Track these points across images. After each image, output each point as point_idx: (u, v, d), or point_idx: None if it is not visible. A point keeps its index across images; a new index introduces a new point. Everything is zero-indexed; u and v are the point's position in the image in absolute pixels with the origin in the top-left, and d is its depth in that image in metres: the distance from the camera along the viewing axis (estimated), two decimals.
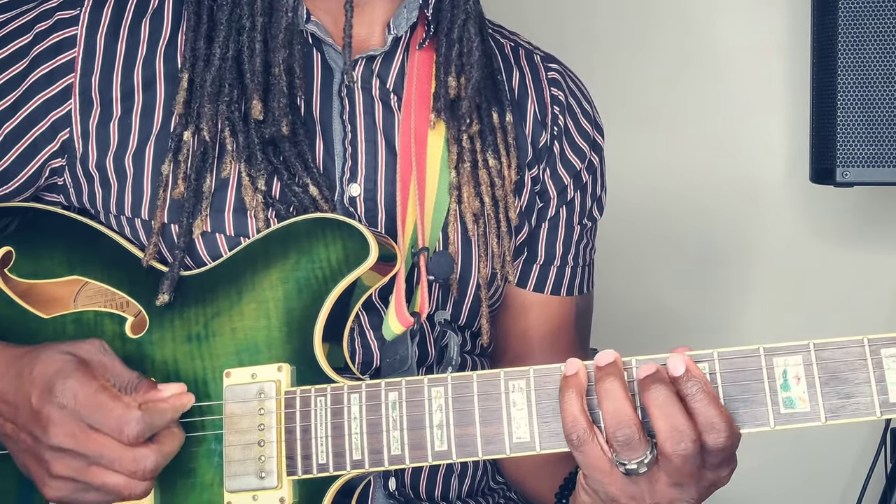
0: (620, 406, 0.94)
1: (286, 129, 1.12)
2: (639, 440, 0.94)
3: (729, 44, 2.02)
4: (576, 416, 0.95)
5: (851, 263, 2.01)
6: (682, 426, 0.93)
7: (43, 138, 1.16)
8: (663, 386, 0.93)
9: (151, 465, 1.01)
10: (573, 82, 1.33)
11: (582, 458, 0.96)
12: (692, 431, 0.93)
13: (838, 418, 0.93)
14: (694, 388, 0.93)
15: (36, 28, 1.16)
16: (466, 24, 1.18)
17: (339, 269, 1.08)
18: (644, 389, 0.94)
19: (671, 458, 0.94)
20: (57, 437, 1.00)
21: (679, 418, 0.93)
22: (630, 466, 0.95)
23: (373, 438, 1.02)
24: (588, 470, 0.97)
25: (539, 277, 1.29)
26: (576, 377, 0.96)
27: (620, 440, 0.94)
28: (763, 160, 2.03)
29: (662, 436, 0.93)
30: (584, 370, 0.97)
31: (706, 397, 0.93)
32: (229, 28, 1.13)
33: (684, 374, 0.94)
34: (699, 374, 0.94)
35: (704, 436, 0.93)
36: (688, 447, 0.93)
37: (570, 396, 0.96)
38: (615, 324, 1.84)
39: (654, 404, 0.93)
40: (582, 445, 0.95)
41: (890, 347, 0.92)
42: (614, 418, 0.94)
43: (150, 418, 1.02)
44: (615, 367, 0.96)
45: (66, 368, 1.02)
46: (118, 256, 1.15)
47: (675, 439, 0.93)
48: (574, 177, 1.29)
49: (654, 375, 0.94)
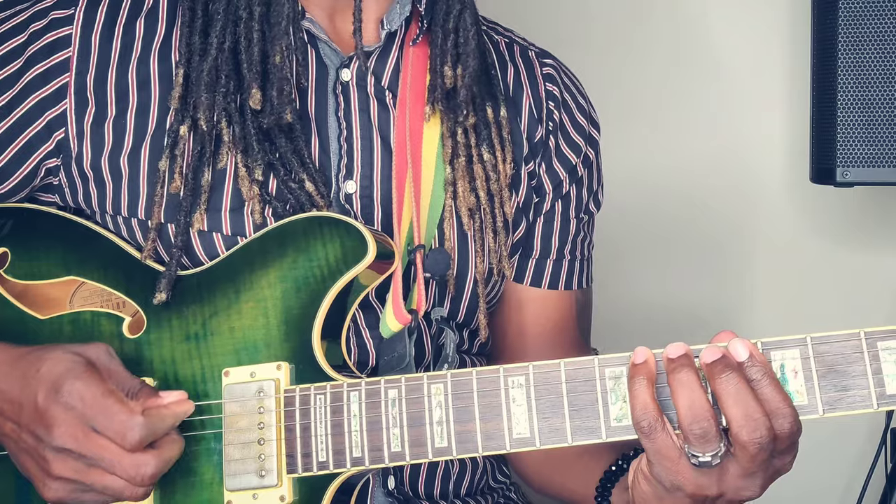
0: (697, 398, 0.92)
1: (290, 116, 1.12)
2: (715, 433, 0.92)
3: (730, 43, 2.02)
4: (647, 404, 0.94)
5: (851, 263, 2.01)
6: (756, 414, 0.91)
7: (38, 138, 1.16)
8: (734, 373, 0.92)
9: (151, 471, 1.01)
10: (568, 77, 1.33)
11: (651, 445, 0.95)
12: (766, 419, 0.91)
13: (836, 411, 0.93)
14: (760, 374, 0.92)
15: (31, 28, 1.16)
16: (462, 14, 1.19)
17: (337, 268, 1.08)
18: (714, 376, 0.92)
19: (747, 447, 0.92)
20: (60, 438, 1.00)
21: (753, 406, 0.91)
22: (704, 459, 0.93)
23: (373, 436, 1.03)
24: (656, 458, 0.96)
25: (536, 272, 1.30)
26: (645, 365, 0.95)
27: (697, 433, 0.92)
28: (763, 160, 2.03)
29: (737, 424, 0.92)
30: (653, 358, 0.95)
31: (772, 382, 0.92)
32: (226, 19, 1.13)
33: (749, 358, 0.93)
34: (763, 359, 0.93)
35: (773, 421, 0.92)
36: (763, 435, 0.91)
37: (639, 384, 0.94)
38: (613, 321, 1.84)
39: (727, 391, 0.91)
40: (653, 433, 0.94)
41: (886, 340, 0.93)
42: (690, 411, 0.92)
43: (152, 425, 1.02)
44: (688, 359, 0.94)
45: (75, 369, 1.02)
46: (115, 256, 1.15)
47: (750, 427, 0.91)
48: (570, 171, 1.30)
49: (723, 361, 0.92)
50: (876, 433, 1.89)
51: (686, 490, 0.96)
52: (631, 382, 0.95)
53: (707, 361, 0.93)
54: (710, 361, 0.93)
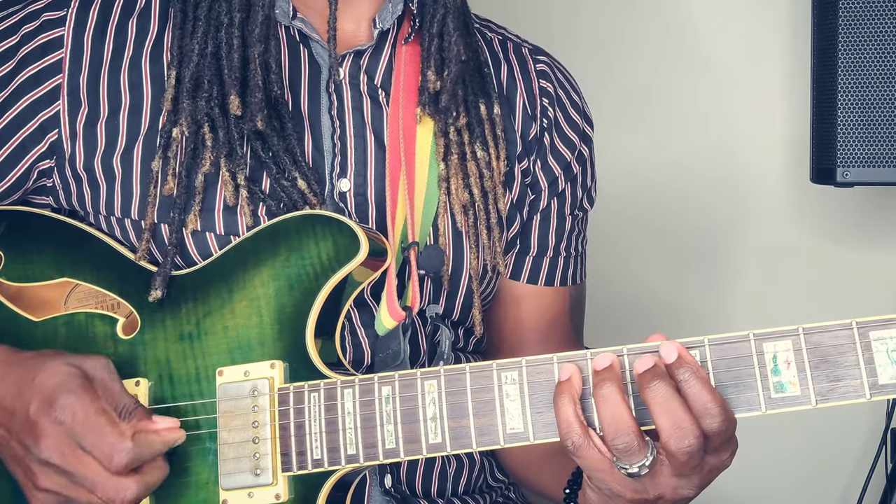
0: (618, 413, 0.93)
1: (261, 123, 1.12)
2: (638, 446, 0.93)
3: (729, 43, 2.02)
4: (570, 422, 0.95)
5: (851, 263, 2.00)
6: (685, 423, 0.92)
7: (31, 139, 1.16)
8: (663, 381, 0.92)
9: (131, 497, 1.00)
10: (562, 74, 1.34)
11: (581, 462, 0.96)
12: (695, 427, 0.92)
13: (828, 401, 0.93)
14: (686, 374, 0.93)
15: (23, 29, 1.16)
16: (446, 19, 1.19)
17: (330, 266, 1.08)
18: (644, 385, 0.93)
19: (676, 456, 0.93)
20: (47, 452, 1.00)
21: (681, 414, 0.92)
22: (632, 471, 0.94)
23: (367, 433, 1.03)
24: (589, 472, 0.97)
25: (532, 269, 1.30)
26: (569, 383, 0.96)
27: (620, 448, 0.93)
28: (763, 160, 2.02)
29: (666, 434, 0.92)
30: (579, 375, 0.96)
31: (699, 382, 0.93)
32: (208, 24, 1.13)
33: (676, 360, 0.94)
34: (691, 360, 0.94)
35: (701, 422, 0.93)
36: (691, 444, 0.92)
37: (563, 402, 0.95)
38: (609, 317, 1.84)
39: (655, 401, 0.92)
40: (578, 451, 0.95)
41: (878, 330, 0.93)
42: (612, 425, 0.93)
43: (139, 450, 1.01)
44: (612, 372, 0.95)
45: (70, 383, 1.01)
46: (108, 258, 1.15)
47: (678, 437, 0.92)
48: (564, 168, 1.30)
49: (653, 370, 0.93)
50: (876, 433, 1.89)
51: (625, 496, 0.97)
52: (555, 401, 0.96)
53: (638, 371, 0.94)
54: (641, 371, 0.94)
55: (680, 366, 0.93)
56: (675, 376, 0.93)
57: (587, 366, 0.97)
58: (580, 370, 0.97)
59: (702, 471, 0.96)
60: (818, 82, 1.67)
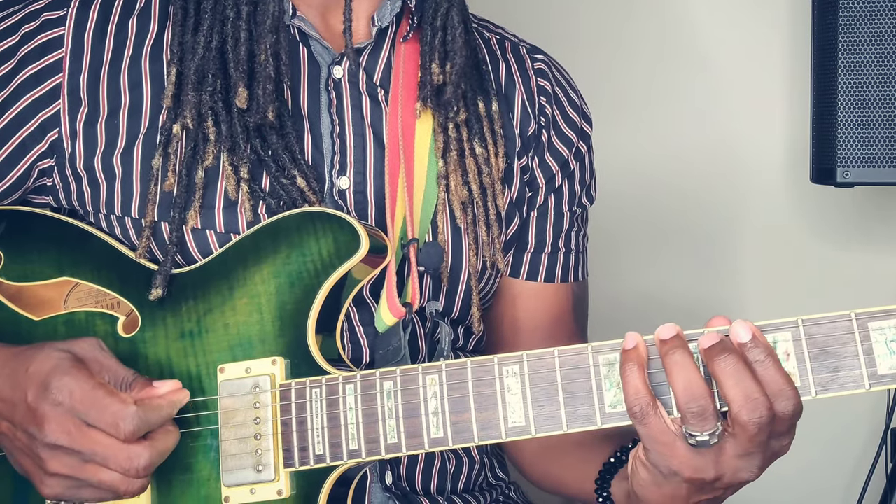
0: (693, 378, 0.93)
1: (272, 114, 1.13)
2: (712, 411, 0.93)
3: (730, 43, 2.02)
4: (638, 389, 0.94)
5: (851, 264, 2.00)
6: (755, 394, 0.92)
7: (32, 139, 1.16)
8: (732, 355, 0.92)
9: (145, 463, 1.01)
10: (560, 73, 1.34)
11: (645, 430, 0.95)
12: (765, 399, 0.92)
13: (828, 392, 0.94)
14: (762, 355, 0.93)
15: (23, 29, 1.17)
16: (450, 12, 1.19)
17: (331, 262, 1.08)
18: (712, 359, 0.93)
19: (747, 427, 0.92)
20: (53, 435, 1.00)
21: (752, 386, 0.92)
22: (702, 438, 0.94)
23: (369, 428, 1.03)
24: (650, 443, 0.96)
25: (531, 265, 1.30)
26: (636, 350, 0.95)
27: (694, 411, 0.93)
28: (762, 159, 2.03)
29: (737, 405, 0.92)
30: (644, 343, 0.96)
31: (774, 364, 0.92)
32: (213, 18, 1.14)
33: (751, 340, 0.93)
34: (765, 341, 0.94)
35: (775, 403, 0.92)
36: (763, 415, 0.92)
37: (631, 369, 0.94)
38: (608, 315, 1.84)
39: (726, 373, 0.92)
40: (645, 418, 0.94)
41: (877, 321, 0.93)
42: (687, 390, 0.93)
43: (145, 415, 1.02)
44: (680, 340, 0.95)
45: (63, 366, 1.02)
46: (108, 257, 1.16)
47: (750, 408, 0.92)
48: (562, 165, 1.30)
49: (721, 344, 0.93)
50: (876, 433, 1.89)
51: (683, 475, 0.96)
52: (622, 368, 0.95)
53: (704, 346, 0.94)
54: (708, 346, 0.94)
55: (755, 346, 0.93)
56: (748, 356, 0.93)
57: (592, 356, 0.97)
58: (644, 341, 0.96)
59: (764, 453, 0.96)
60: (818, 82, 1.67)
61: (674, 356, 0.94)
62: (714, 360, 0.93)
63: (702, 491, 0.99)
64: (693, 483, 0.97)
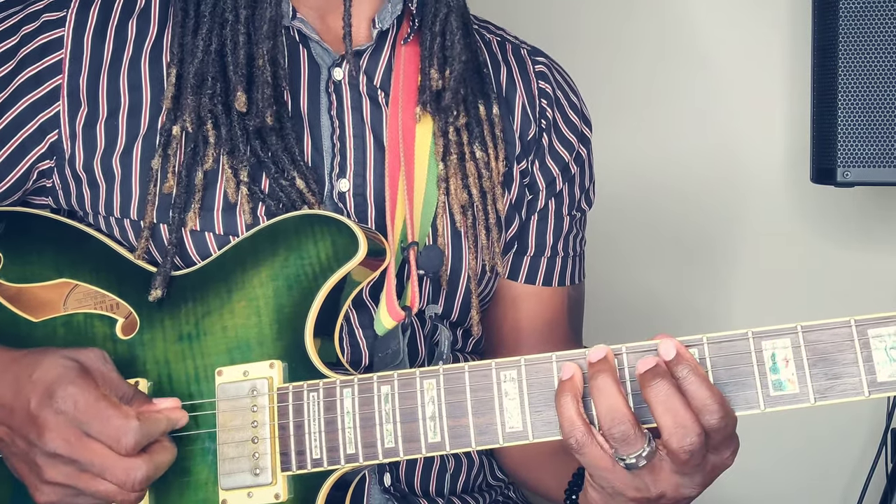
0: (614, 403, 0.94)
1: (270, 119, 1.13)
2: (634, 435, 0.94)
3: (730, 43, 2.02)
4: (573, 420, 0.95)
5: (852, 264, 2.00)
6: (686, 421, 0.92)
7: (31, 140, 1.16)
8: (664, 380, 0.93)
9: (142, 476, 1.01)
10: (560, 75, 1.34)
11: (583, 459, 0.96)
12: (696, 425, 0.92)
13: (827, 399, 0.93)
14: (685, 371, 0.93)
15: (22, 30, 1.17)
16: (448, 18, 1.19)
17: (329, 265, 1.08)
18: (645, 385, 0.93)
19: (678, 454, 0.93)
20: (52, 443, 1.00)
21: (682, 412, 0.92)
22: (629, 461, 0.95)
23: (366, 432, 1.03)
24: (591, 469, 0.97)
25: (530, 269, 1.30)
26: (571, 381, 0.96)
27: (616, 437, 0.94)
28: (763, 160, 2.03)
29: (668, 432, 0.93)
30: (580, 373, 0.96)
31: (697, 379, 0.93)
32: (212, 21, 1.14)
33: (675, 357, 0.94)
34: (689, 357, 0.94)
35: (700, 418, 0.93)
36: (694, 441, 0.92)
37: (566, 401, 0.95)
38: (607, 317, 1.84)
39: (657, 400, 0.93)
40: (581, 448, 0.95)
41: (876, 328, 0.93)
42: (608, 415, 0.94)
43: (146, 429, 1.02)
44: (606, 364, 0.95)
45: (69, 375, 1.01)
46: (107, 258, 1.15)
47: (680, 435, 0.92)
48: (562, 169, 1.30)
49: (655, 370, 0.93)
50: (876, 433, 1.89)
51: (627, 494, 0.98)
52: (557, 399, 0.96)
53: (640, 371, 0.94)
54: (643, 371, 0.94)
55: (678, 363, 0.94)
56: (673, 373, 0.94)
57: (587, 365, 0.97)
58: (581, 369, 0.97)
59: (703, 469, 0.96)
60: (818, 82, 1.67)
61: (596, 380, 0.95)
62: (647, 387, 0.93)
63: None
64: (638, 501, 0.98)
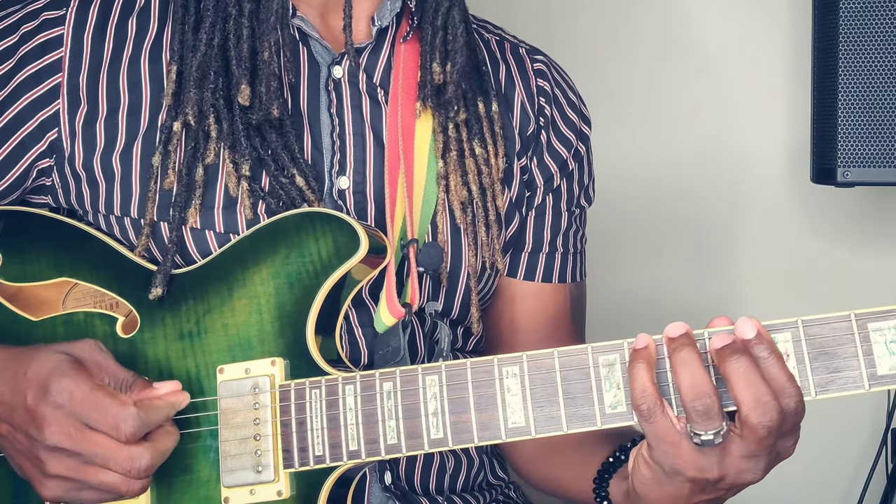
0: (698, 376, 0.93)
1: (276, 111, 1.13)
2: (717, 410, 0.93)
3: (730, 42, 2.02)
4: (646, 387, 0.94)
5: (851, 263, 2.00)
6: (766, 397, 0.91)
7: (31, 138, 1.16)
8: (744, 356, 0.92)
9: (146, 464, 1.01)
10: (559, 73, 1.34)
11: (651, 429, 0.95)
12: (776, 402, 0.92)
13: (828, 392, 0.94)
14: (765, 352, 0.93)
15: (22, 28, 1.17)
16: (451, 12, 1.19)
17: (330, 263, 1.08)
18: (723, 360, 0.93)
19: (756, 430, 0.92)
20: (53, 437, 1.00)
21: (763, 389, 0.92)
22: (706, 437, 0.93)
23: (369, 428, 1.03)
24: (655, 441, 0.96)
25: (529, 265, 1.30)
26: (646, 350, 0.96)
27: (699, 409, 0.93)
28: (763, 159, 2.03)
29: (747, 407, 0.92)
30: (654, 344, 0.96)
31: (777, 361, 0.92)
32: (215, 15, 1.14)
33: (756, 336, 0.93)
34: (769, 338, 0.94)
35: (780, 399, 0.92)
36: (773, 418, 0.92)
37: (639, 368, 0.95)
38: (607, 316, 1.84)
39: (737, 375, 0.92)
40: (652, 416, 0.94)
41: (876, 321, 0.93)
42: (692, 388, 0.93)
43: (145, 415, 1.02)
44: (688, 338, 0.95)
45: (61, 368, 1.02)
46: (107, 257, 1.15)
47: (761, 410, 0.91)
48: (560, 166, 1.30)
49: (733, 345, 0.93)
50: (876, 434, 1.89)
51: (686, 474, 0.96)
52: (631, 366, 0.95)
53: (716, 347, 0.94)
54: (720, 346, 0.93)
55: (760, 342, 0.93)
56: (753, 353, 0.93)
57: (592, 357, 0.97)
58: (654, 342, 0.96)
59: (770, 454, 0.95)
60: (819, 82, 1.67)
61: (680, 354, 0.94)
62: (725, 362, 0.93)
63: (703, 491, 0.98)
64: (696, 482, 0.97)
